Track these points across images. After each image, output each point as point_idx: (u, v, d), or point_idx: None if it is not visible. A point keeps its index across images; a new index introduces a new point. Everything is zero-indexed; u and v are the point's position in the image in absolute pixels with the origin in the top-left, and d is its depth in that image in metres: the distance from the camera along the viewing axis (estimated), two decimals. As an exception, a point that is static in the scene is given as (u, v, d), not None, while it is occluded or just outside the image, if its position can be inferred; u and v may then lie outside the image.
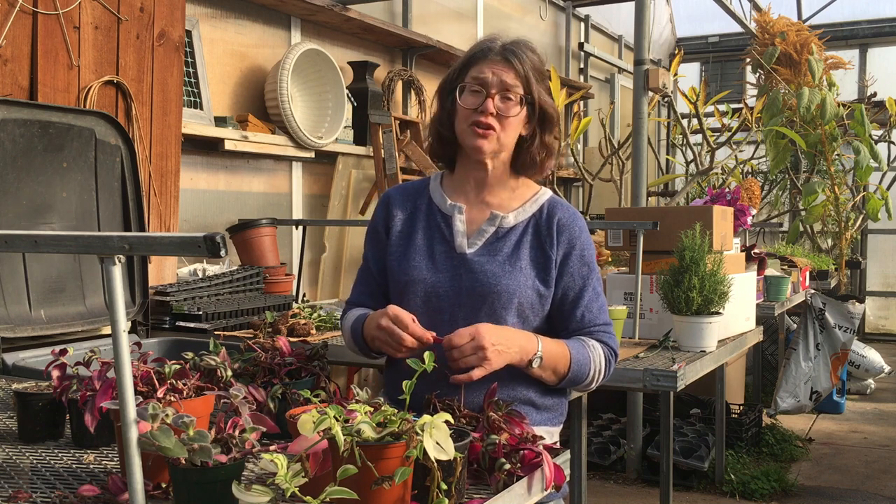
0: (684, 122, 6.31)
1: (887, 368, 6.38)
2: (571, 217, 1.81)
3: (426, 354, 1.38)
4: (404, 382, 1.32)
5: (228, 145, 3.75)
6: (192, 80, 3.67)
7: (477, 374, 1.59)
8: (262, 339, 1.76)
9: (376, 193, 4.50)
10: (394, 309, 1.65)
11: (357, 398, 1.35)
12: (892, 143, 7.47)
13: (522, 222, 1.80)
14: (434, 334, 1.62)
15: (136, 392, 1.34)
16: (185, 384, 1.39)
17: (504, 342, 1.62)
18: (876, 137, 6.98)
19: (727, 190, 3.70)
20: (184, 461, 1.11)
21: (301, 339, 2.59)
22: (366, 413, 1.18)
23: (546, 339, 1.70)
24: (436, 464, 1.14)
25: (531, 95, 1.75)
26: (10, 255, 2.37)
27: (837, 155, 6.64)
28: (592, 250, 1.82)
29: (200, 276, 3.18)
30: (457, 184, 1.85)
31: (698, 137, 6.17)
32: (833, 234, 7.00)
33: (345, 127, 4.42)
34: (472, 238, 1.79)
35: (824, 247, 7.11)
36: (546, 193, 1.86)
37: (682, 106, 6.81)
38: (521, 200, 1.83)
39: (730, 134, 5.88)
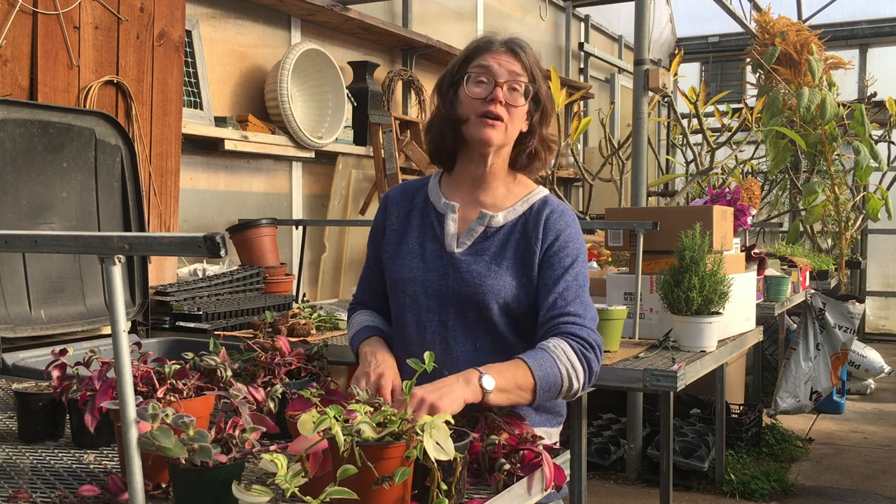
0: (684, 122, 6.32)
1: (887, 368, 6.38)
2: (560, 213, 1.77)
3: (426, 354, 1.38)
4: (404, 383, 1.32)
5: (228, 145, 3.75)
6: (192, 80, 3.67)
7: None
8: (262, 339, 1.76)
9: (376, 193, 4.50)
10: (382, 378, 1.62)
11: (357, 398, 1.35)
12: (892, 143, 7.47)
13: (511, 221, 1.77)
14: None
15: (136, 392, 1.34)
16: (185, 384, 1.39)
17: (439, 385, 1.46)
18: (876, 137, 6.99)
19: (727, 190, 3.69)
20: (184, 461, 1.11)
21: (301, 339, 2.59)
22: (366, 413, 1.18)
23: (490, 364, 1.56)
24: (436, 464, 1.14)
25: (536, 86, 1.76)
26: (10, 255, 2.37)
27: (837, 155, 6.64)
28: (580, 245, 1.76)
29: (200, 276, 3.18)
30: (454, 183, 1.84)
31: (698, 137, 6.17)
32: (833, 234, 7.00)
33: (345, 127, 4.42)
34: (461, 237, 1.77)
35: (824, 247, 7.10)
36: (540, 193, 1.83)
37: (682, 106, 6.81)
38: (515, 199, 1.80)
39: (730, 134, 5.88)
